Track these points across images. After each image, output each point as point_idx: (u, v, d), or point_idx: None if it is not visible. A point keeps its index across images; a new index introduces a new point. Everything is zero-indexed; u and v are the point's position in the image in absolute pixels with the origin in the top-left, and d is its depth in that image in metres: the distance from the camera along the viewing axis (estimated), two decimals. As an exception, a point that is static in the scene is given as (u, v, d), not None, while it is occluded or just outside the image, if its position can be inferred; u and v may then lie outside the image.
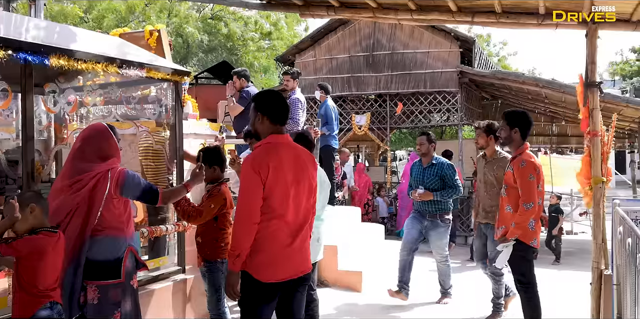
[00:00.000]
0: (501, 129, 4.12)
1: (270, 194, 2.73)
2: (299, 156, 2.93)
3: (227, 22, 18.91)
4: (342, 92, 12.23)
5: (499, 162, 4.91)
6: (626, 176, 20.24)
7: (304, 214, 2.90)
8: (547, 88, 10.18)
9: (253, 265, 2.75)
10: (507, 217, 4.04)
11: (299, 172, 2.86)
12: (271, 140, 2.85)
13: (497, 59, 26.09)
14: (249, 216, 2.70)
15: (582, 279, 4.60)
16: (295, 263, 2.86)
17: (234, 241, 2.74)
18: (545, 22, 3.81)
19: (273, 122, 2.87)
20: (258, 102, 2.91)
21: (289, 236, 2.81)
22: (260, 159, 2.75)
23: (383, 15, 4.24)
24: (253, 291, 2.78)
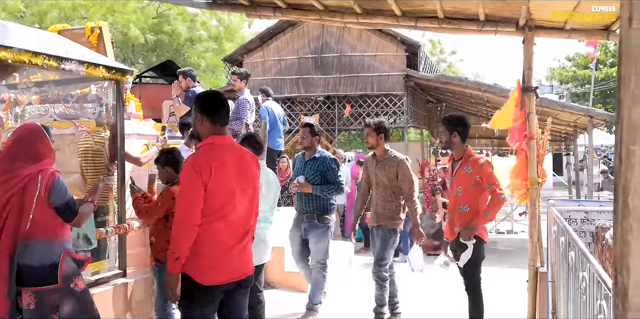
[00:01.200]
0: (441, 134, 4.25)
1: (212, 196, 2.70)
2: (241, 156, 2.91)
3: (171, 22, 18.52)
4: (290, 93, 12.24)
5: (390, 162, 4.78)
6: (563, 177, 21.18)
7: (247, 216, 2.89)
8: (489, 92, 10.51)
9: (194, 267, 2.71)
10: (464, 217, 4.12)
11: (242, 173, 2.85)
12: (212, 141, 2.83)
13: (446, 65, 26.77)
14: (189, 218, 2.67)
15: (521, 277, 4.78)
16: (237, 265, 2.84)
17: (174, 243, 2.69)
18: (485, 28, 3.93)
19: (213, 123, 2.84)
20: (198, 103, 2.88)
21: (231, 238, 2.79)
22: (202, 160, 2.72)
23: (329, 17, 4.26)
24: (193, 294, 2.74)
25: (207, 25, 19.74)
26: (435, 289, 6.62)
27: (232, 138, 3.02)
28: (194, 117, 2.89)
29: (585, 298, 2.70)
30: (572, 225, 4.59)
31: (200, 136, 2.91)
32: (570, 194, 14.07)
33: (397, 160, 4.78)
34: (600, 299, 2.30)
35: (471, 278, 4.20)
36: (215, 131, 2.85)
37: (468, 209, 4.10)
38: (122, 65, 4.41)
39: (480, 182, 4.06)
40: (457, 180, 4.17)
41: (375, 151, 4.89)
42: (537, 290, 3.78)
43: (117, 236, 4.30)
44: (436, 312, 5.54)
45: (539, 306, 3.79)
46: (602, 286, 2.25)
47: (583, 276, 2.71)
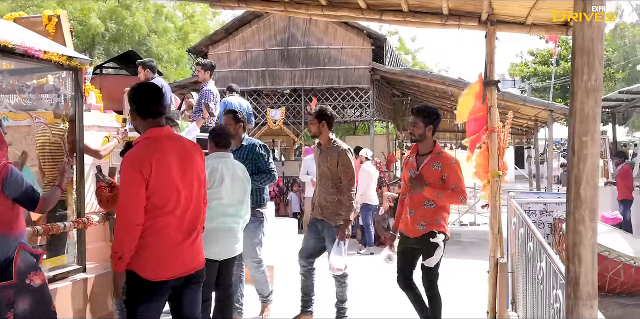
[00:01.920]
0: (414, 126, 4.04)
1: (156, 191, 2.64)
2: (183, 147, 2.84)
3: (133, 11, 18.05)
4: (256, 86, 12.13)
5: (332, 151, 4.55)
6: (524, 171, 21.69)
7: (194, 208, 2.83)
8: (453, 86, 10.64)
9: (140, 263, 2.66)
10: (429, 213, 3.96)
11: (185, 165, 2.79)
12: (150, 134, 2.75)
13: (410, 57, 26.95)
14: (131, 217, 2.60)
15: (483, 268, 4.87)
16: (186, 260, 2.78)
17: (117, 243, 2.63)
18: (448, 22, 3.96)
19: (147, 116, 2.77)
20: (129, 97, 2.82)
21: (179, 232, 2.74)
22: (141, 156, 2.65)
23: (294, 9, 4.23)
24: (140, 290, 2.68)
25: (171, 16, 19.34)
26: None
27: (171, 129, 2.93)
28: (130, 113, 2.83)
29: (542, 287, 2.77)
30: (531, 217, 4.71)
31: (138, 130, 2.84)
32: (531, 186, 14.41)
33: (339, 150, 4.54)
34: (556, 288, 2.36)
35: (434, 276, 4.04)
36: (151, 123, 2.77)
37: (433, 206, 3.96)
38: (80, 54, 4.29)
39: (446, 180, 3.93)
40: (424, 175, 3.96)
41: (319, 140, 4.70)
42: (497, 280, 3.86)
43: (76, 231, 4.19)
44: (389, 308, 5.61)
45: (499, 296, 3.87)
46: (558, 276, 2.31)
47: (540, 267, 2.79)
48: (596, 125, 1.06)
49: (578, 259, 1.09)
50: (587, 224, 1.09)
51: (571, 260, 1.09)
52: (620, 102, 11.27)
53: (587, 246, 1.08)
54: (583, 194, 1.07)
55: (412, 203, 4.05)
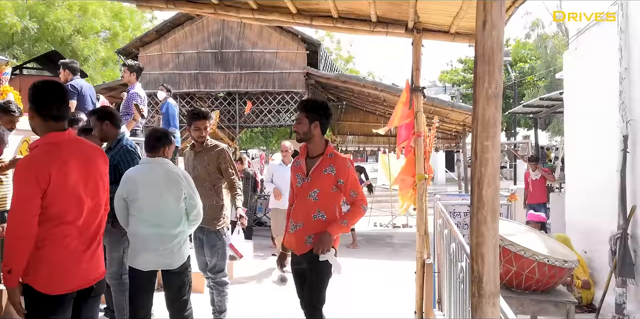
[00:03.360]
0: (298, 122, 3.46)
1: (55, 201, 2.46)
2: (84, 152, 2.66)
3: (54, 8, 17.25)
4: (190, 88, 11.93)
5: (210, 151, 4.42)
6: (454, 174, 22.44)
7: (95, 218, 2.68)
8: (385, 92, 10.88)
9: (37, 277, 2.47)
10: (320, 226, 3.35)
11: (88, 171, 2.62)
12: (50, 139, 2.53)
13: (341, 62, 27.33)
14: (24, 228, 2.39)
15: (413, 268, 5.00)
16: (86, 271, 2.62)
17: (6, 255, 2.42)
18: (377, 29, 4.05)
19: (47, 118, 2.53)
20: (30, 95, 2.54)
21: (79, 243, 2.58)
22: (39, 164, 2.44)
23: (224, 12, 4.19)
24: (40, 306, 2.50)
25: (98, 15, 18.65)
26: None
27: (72, 132, 2.69)
28: (28, 111, 2.58)
29: (463, 286, 2.87)
30: (456, 218, 4.88)
31: (36, 132, 2.59)
32: (460, 188, 14.92)
33: (218, 150, 4.41)
34: (475, 287, 2.45)
35: (319, 301, 3.37)
36: (52, 127, 2.55)
37: (325, 217, 3.36)
38: (-4, 53, 4.05)
39: (342, 187, 3.37)
40: (314, 181, 3.38)
41: (194, 141, 4.52)
42: (424, 281, 3.96)
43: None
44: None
45: (425, 296, 3.98)
46: (476, 275, 2.40)
47: (461, 267, 2.89)
48: (497, 130, 1.11)
49: (481, 259, 1.14)
50: (489, 225, 1.14)
51: (475, 260, 1.14)
52: (541, 108, 11.88)
53: (490, 246, 1.13)
54: (485, 196, 1.12)
55: (298, 215, 3.44)
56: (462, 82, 29.85)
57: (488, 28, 1.09)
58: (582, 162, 6.88)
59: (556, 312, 3.69)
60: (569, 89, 7.62)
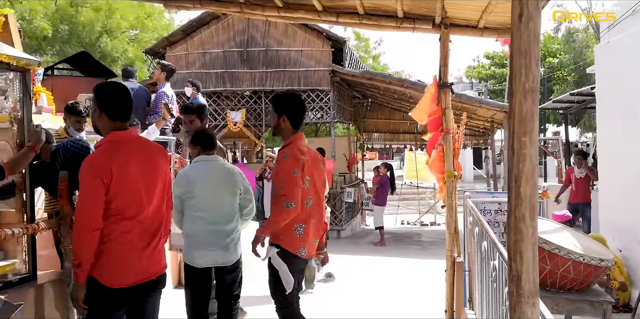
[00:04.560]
0: (270, 117, 3.50)
1: (117, 197, 2.57)
2: (147, 151, 2.77)
3: (83, 11, 17.58)
4: (216, 87, 12.02)
5: None
6: (482, 171, 22.16)
7: (156, 214, 2.76)
8: (412, 88, 10.79)
9: (99, 270, 2.58)
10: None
11: (149, 169, 2.72)
12: (114, 138, 2.66)
13: (371, 59, 27.24)
14: (88, 223, 2.52)
15: (442, 267, 4.95)
16: (147, 266, 2.72)
17: (74, 250, 2.56)
18: (403, 25, 4.01)
19: (112, 118, 2.67)
20: (96, 96, 2.69)
21: (140, 238, 2.67)
22: (101, 161, 2.57)
23: (250, 10, 4.21)
24: (100, 298, 2.61)
25: (126, 15, 18.93)
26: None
27: (134, 132, 2.84)
28: (92, 111, 2.71)
29: (495, 285, 2.82)
30: (486, 216, 4.81)
31: (101, 132, 2.73)
32: (489, 186, 14.73)
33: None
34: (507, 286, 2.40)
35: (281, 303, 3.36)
36: (115, 126, 2.68)
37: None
38: (28, 55, 4.14)
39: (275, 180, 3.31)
40: (274, 175, 3.39)
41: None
42: (454, 279, 3.91)
43: (27, 237, 4.05)
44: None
45: (456, 294, 3.93)
46: (509, 273, 2.35)
47: (493, 265, 2.84)
48: (534, 125, 1.08)
49: (520, 257, 1.11)
50: (528, 222, 1.11)
51: (513, 258, 1.11)
52: (571, 103, 11.64)
53: (528, 243, 1.10)
54: (523, 193, 1.10)
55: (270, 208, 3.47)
56: (489, 77, 29.43)
57: (524, 20, 1.06)
58: (616, 159, 6.71)
59: (592, 312, 3.60)
60: (601, 83, 7.44)
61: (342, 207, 11.37)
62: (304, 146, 3.43)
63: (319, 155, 3.60)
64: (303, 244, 3.30)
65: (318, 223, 3.45)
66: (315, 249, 3.56)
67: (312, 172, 3.37)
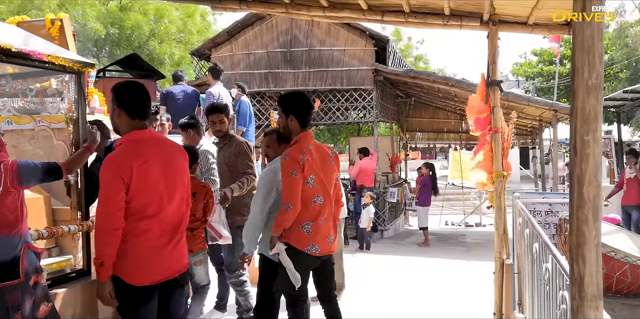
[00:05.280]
0: (278, 118, 3.57)
1: (137, 196, 2.60)
2: (166, 150, 2.79)
3: (132, 15, 18.10)
4: (260, 88, 12.14)
5: (230, 147, 4.34)
6: (529, 171, 21.62)
7: (177, 212, 2.79)
8: (457, 87, 10.62)
9: (124, 269, 2.63)
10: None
11: (168, 168, 2.74)
12: (133, 137, 2.68)
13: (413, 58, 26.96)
14: (109, 222, 2.56)
15: (489, 269, 4.86)
16: (170, 263, 2.76)
17: (96, 248, 2.59)
18: (450, 22, 3.95)
19: (132, 117, 2.69)
20: (115, 95, 2.72)
21: (161, 236, 2.70)
22: (121, 160, 2.59)
23: (296, 11, 4.23)
24: (128, 296, 2.66)
25: (172, 18, 19.39)
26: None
27: (153, 131, 2.84)
28: (112, 110, 2.75)
29: (548, 288, 2.75)
30: (536, 217, 4.69)
31: (120, 131, 2.76)
32: (537, 187, 14.36)
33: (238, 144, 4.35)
34: (563, 289, 2.34)
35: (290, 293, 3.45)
36: (135, 125, 2.70)
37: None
38: (83, 58, 4.29)
39: None
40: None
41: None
42: (503, 282, 3.83)
43: (81, 234, 4.19)
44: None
45: (505, 297, 3.84)
46: (564, 277, 2.29)
47: (546, 267, 2.76)
48: (597, 124, 1.05)
49: (582, 260, 1.08)
50: (591, 224, 1.07)
51: (575, 260, 1.08)
52: (624, 101, 11.22)
53: (591, 246, 1.07)
54: (586, 194, 1.06)
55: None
56: (536, 75, 28.68)
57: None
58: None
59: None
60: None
61: (385, 207, 11.30)
62: (309, 144, 3.45)
63: (329, 151, 3.58)
64: (312, 241, 3.35)
65: (329, 220, 3.48)
66: (336, 245, 3.58)
67: (318, 170, 3.39)
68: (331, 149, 3.64)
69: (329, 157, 3.51)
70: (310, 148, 3.41)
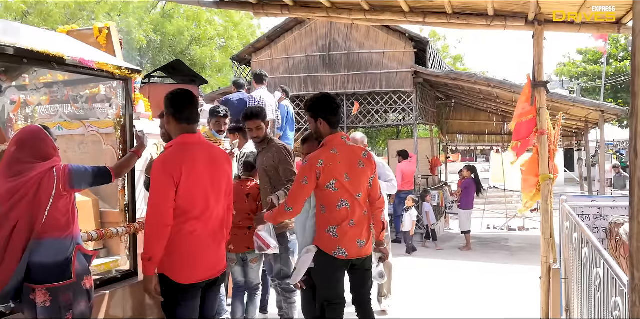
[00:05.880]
0: (308, 123, 3.52)
1: (185, 196, 2.71)
2: (212, 154, 2.91)
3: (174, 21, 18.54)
4: (299, 91, 12.21)
5: (269, 152, 4.25)
6: (575, 173, 21.02)
7: (221, 214, 2.91)
8: (499, 88, 10.44)
9: (170, 267, 2.74)
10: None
11: (214, 171, 2.86)
12: (182, 140, 2.82)
13: (451, 59, 26.62)
14: (160, 218, 2.67)
15: (533, 273, 4.74)
16: (213, 263, 2.89)
17: (145, 245, 2.71)
18: (494, 23, 3.90)
19: (182, 122, 2.84)
20: (166, 103, 2.88)
21: (206, 237, 2.82)
22: (173, 161, 2.73)
23: (337, 15, 4.25)
24: (174, 294, 2.77)
25: (213, 24, 19.75)
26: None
27: (201, 136, 2.99)
28: (164, 117, 2.92)
29: (599, 294, 2.67)
30: (585, 221, 4.55)
31: (170, 135, 2.91)
32: (582, 190, 13.95)
33: (277, 149, 4.26)
34: (616, 295, 2.27)
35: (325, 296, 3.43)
36: (184, 129, 2.84)
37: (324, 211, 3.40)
38: (130, 65, 4.42)
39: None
40: None
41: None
42: (550, 287, 3.74)
43: (129, 236, 4.30)
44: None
45: (552, 303, 3.76)
46: (617, 283, 2.22)
47: (597, 273, 2.68)
48: (660, 125, 1.01)
49: (643, 266, 1.05)
50: (652, 228, 1.04)
51: (636, 266, 1.05)
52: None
53: (653, 251, 1.04)
54: (647, 198, 1.03)
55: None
56: (582, 75, 27.87)
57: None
58: None
59: None
60: None
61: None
62: (335, 147, 3.37)
63: (360, 154, 3.47)
64: (339, 245, 3.32)
65: (361, 224, 3.41)
66: (369, 249, 3.51)
67: (339, 175, 3.31)
68: (364, 151, 3.55)
69: (358, 161, 3.42)
70: (334, 152, 3.34)
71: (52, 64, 3.52)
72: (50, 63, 3.51)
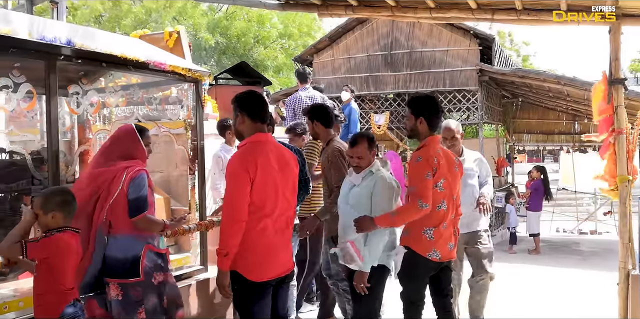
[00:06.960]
0: (406, 119, 3.50)
1: (258, 192, 2.75)
2: (282, 154, 2.97)
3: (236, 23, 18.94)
4: (360, 91, 12.17)
5: (326, 152, 4.17)
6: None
7: (289, 212, 2.96)
8: (569, 86, 10.01)
9: (244, 265, 2.77)
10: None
11: (283, 170, 2.90)
12: (255, 139, 2.89)
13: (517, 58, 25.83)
14: (236, 214, 2.72)
15: (607, 280, 4.53)
16: (283, 261, 2.93)
17: (222, 240, 2.74)
18: (567, 18, 3.75)
19: (254, 121, 2.90)
20: (237, 103, 2.95)
21: (276, 234, 2.86)
22: (247, 156, 2.78)
23: (402, 13, 4.22)
24: (247, 291, 2.80)
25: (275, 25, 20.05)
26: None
27: (271, 136, 3.06)
28: (235, 116, 2.96)
29: (685, 302, 2.52)
30: (666, 225, 4.30)
31: (242, 135, 2.96)
32: (661, 192, 13.17)
33: (334, 149, 4.10)
34: None
35: (406, 297, 3.44)
36: (257, 128, 2.91)
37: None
38: (200, 67, 4.57)
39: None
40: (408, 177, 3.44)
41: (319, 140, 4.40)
42: (628, 293, 3.57)
43: (199, 233, 4.45)
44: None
45: (631, 310, 3.58)
46: None
47: (682, 280, 2.53)
48: None
49: None
50: None
51: None
52: None
53: None
54: None
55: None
56: (659, 70, 26.32)
57: None
58: None
59: None
60: None
61: (492, 212, 10.88)
62: (439, 148, 3.42)
63: (454, 158, 3.51)
64: (434, 247, 3.31)
65: (450, 227, 3.42)
66: (455, 252, 3.51)
67: (447, 175, 3.33)
68: (456, 157, 3.58)
69: (454, 164, 3.45)
70: (439, 152, 3.37)
71: (128, 67, 3.70)
72: (126, 66, 3.71)
